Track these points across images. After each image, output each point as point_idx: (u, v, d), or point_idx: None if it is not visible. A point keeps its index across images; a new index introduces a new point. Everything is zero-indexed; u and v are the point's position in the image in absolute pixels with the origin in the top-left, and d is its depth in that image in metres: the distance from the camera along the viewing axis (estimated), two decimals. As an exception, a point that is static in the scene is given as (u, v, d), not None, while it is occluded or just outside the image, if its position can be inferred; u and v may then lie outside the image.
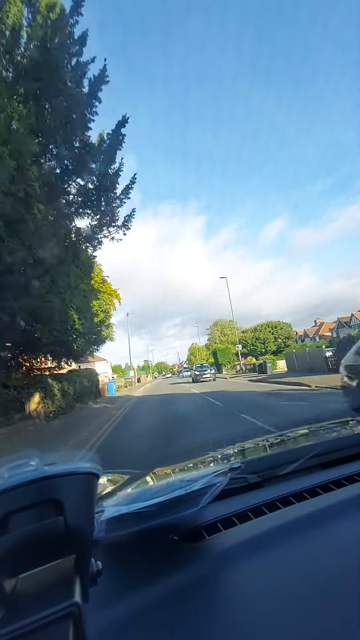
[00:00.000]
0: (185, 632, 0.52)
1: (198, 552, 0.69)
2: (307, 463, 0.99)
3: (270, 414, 6.40)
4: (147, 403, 12.88)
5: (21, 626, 0.33)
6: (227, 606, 0.55)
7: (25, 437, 7.29)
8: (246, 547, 0.69)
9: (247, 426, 5.52)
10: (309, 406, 6.91)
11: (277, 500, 0.84)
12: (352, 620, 0.50)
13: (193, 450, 2.07)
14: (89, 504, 0.41)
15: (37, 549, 0.38)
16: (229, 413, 7.19)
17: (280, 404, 7.89)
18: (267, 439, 1.52)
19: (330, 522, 0.75)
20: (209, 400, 10.25)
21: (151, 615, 0.56)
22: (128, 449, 5.16)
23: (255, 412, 6.59)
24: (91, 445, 5.97)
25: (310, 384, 10.71)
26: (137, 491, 1.00)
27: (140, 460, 3.99)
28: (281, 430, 1.69)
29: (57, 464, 0.38)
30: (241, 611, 0.54)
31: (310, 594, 0.55)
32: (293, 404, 7.55)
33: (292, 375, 16.61)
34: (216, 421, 6.44)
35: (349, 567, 0.61)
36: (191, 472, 1.13)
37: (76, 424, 9.10)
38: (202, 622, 0.53)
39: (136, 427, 7.40)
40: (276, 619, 0.52)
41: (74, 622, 0.35)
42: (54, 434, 7.64)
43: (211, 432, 5.44)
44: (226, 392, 12.44)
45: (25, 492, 0.35)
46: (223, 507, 0.83)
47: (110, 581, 0.62)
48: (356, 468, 0.97)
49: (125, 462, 4.12)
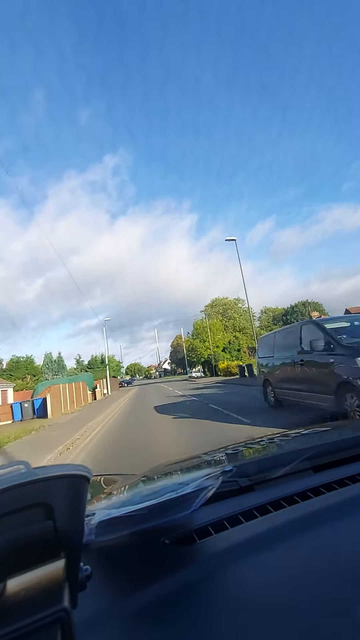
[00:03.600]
0: (176, 635, 0.52)
1: (189, 556, 0.69)
2: (298, 467, 1.00)
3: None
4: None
5: (8, 632, 0.33)
6: (218, 609, 0.55)
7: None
8: (237, 550, 0.69)
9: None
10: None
11: (268, 503, 0.85)
12: (344, 622, 0.50)
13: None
14: (79, 508, 0.41)
15: (25, 553, 0.37)
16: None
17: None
18: (259, 443, 1.53)
19: (321, 525, 0.75)
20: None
21: (142, 620, 0.55)
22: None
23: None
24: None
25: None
26: (127, 494, 1.00)
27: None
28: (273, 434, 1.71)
29: (46, 467, 0.38)
30: (232, 614, 0.54)
31: (302, 597, 0.56)
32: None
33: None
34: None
35: (340, 570, 0.61)
36: (183, 475, 1.13)
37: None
38: (193, 625, 0.53)
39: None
40: (268, 622, 0.52)
41: (62, 627, 0.35)
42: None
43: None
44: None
45: (14, 495, 0.34)
46: (214, 510, 0.83)
47: (100, 585, 0.62)
48: (347, 472, 0.98)
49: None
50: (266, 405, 8.07)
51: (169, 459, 1.54)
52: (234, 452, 1.40)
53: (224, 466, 0.87)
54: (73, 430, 8.85)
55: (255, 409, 7.99)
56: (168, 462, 1.40)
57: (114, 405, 16.35)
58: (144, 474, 1.22)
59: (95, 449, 6.44)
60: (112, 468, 4.43)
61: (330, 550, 0.67)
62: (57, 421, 12.80)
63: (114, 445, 6.58)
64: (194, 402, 11.92)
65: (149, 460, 4.13)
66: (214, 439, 5.22)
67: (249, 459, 1.27)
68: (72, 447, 6.90)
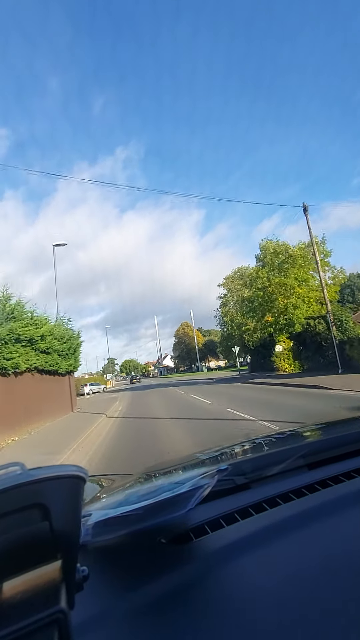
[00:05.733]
0: (174, 634, 0.52)
1: (185, 555, 0.69)
2: (293, 464, 1.01)
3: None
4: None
5: (6, 634, 0.33)
6: (215, 607, 0.55)
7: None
8: (233, 548, 0.69)
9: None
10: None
11: (263, 501, 0.85)
12: (340, 618, 0.51)
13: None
14: (75, 508, 0.41)
15: (21, 554, 0.37)
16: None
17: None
18: (255, 441, 1.53)
19: (316, 522, 0.76)
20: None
21: (139, 619, 0.55)
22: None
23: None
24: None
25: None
26: (124, 494, 0.99)
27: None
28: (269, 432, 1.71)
29: (42, 468, 0.38)
30: (229, 611, 0.54)
31: (298, 593, 0.56)
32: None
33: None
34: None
35: (334, 567, 0.62)
36: (178, 475, 1.13)
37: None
38: (190, 623, 0.53)
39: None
40: (264, 619, 0.52)
41: (59, 629, 0.35)
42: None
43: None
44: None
45: (9, 496, 0.34)
46: (210, 509, 0.83)
47: (97, 586, 0.62)
48: (341, 468, 0.99)
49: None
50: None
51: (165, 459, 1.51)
52: (229, 450, 1.40)
53: (220, 465, 0.87)
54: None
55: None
56: (164, 462, 1.40)
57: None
58: (140, 473, 1.22)
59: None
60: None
61: (325, 546, 0.68)
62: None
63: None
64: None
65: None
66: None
67: (244, 457, 1.28)
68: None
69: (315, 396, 9.13)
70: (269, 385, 14.30)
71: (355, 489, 0.88)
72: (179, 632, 0.52)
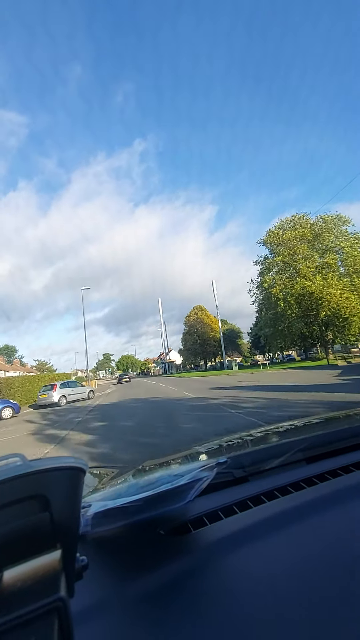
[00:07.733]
0: (172, 625, 0.53)
1: (184, 546, 0.70)
2: (292, 458, 1.01)
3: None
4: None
5: (6, 621, 0.33)
6: (213, 598, 0.56)
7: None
8: (231, 540, 0.70)
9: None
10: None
11: (262, 494, 0.86)
12: (338, 610, 0.52)
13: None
14: (75, 500, 0.41)
15: (22, 544, 0.37)
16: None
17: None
18: (254, 434, 1.54)
19: (313, 515, 0.76)
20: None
21: (138, 608, 0.56)
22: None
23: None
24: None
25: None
26: (123, 486, 1.00)
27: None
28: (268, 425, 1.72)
29: (42, 459, 0.38)
30: (227, 603, 0.55)
31: (294, 585, 0.57)
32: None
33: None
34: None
35: (333, 559, 0.62)
36: (178, 467, 1.14)
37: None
38: (188, 615, 0.54)
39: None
40: (262, 611, 0.53)
41: (59, 616, 0.35)
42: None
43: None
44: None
45: (10, 487, 0.34)
46: (209, 501, 0.84)
47: (96, 576, 0.63)
48: (339, 462, 0.99)
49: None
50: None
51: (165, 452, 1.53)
52: (228, 444, 1.41)
53: (219, 457, 0.88)
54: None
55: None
56: (164, 455, 1.41)
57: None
58: (140, 466, 1.23)
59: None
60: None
61: (322, 540, 0.68)
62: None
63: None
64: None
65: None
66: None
67: (243, 450, 1.28)
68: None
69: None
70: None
71: (353, 483, 0.88)
72: (177, 621, 0.53)
